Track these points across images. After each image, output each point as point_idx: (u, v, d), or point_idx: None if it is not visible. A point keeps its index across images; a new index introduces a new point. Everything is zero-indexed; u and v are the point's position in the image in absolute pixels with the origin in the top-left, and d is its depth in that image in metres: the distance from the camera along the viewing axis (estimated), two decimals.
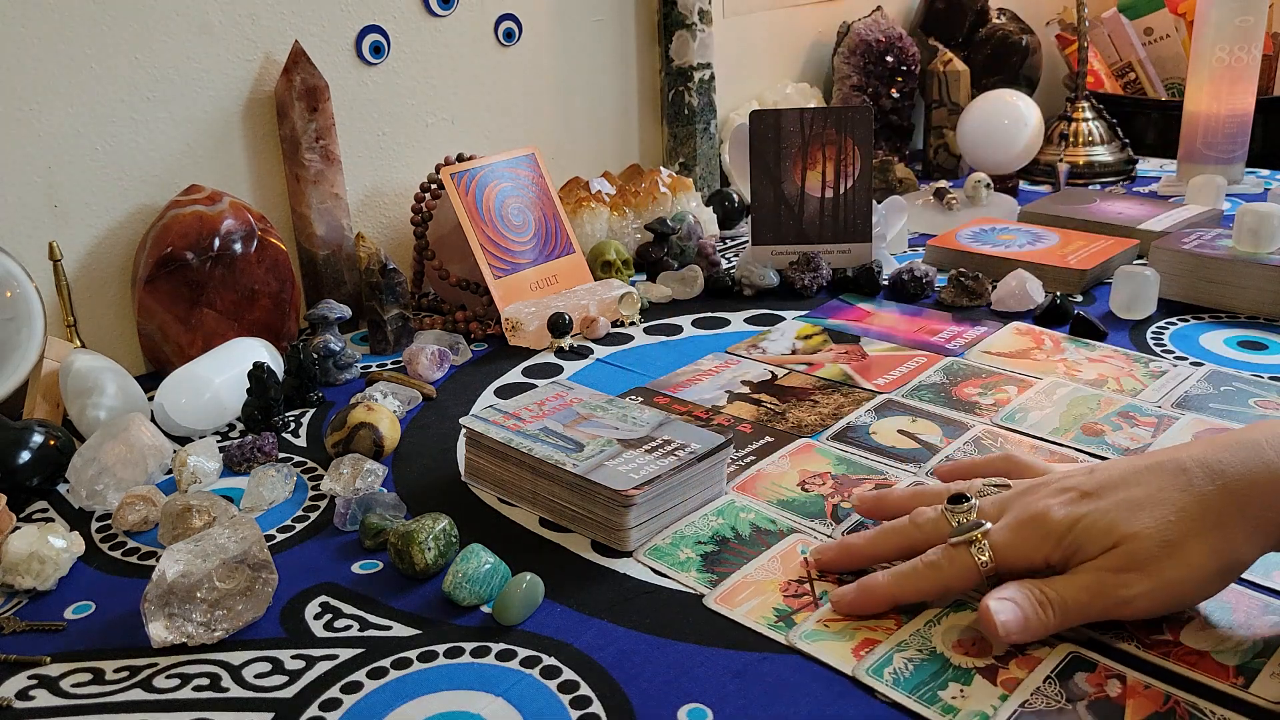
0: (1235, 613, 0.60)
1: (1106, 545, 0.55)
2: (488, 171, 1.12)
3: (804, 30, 1.68)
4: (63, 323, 0.96)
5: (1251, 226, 1.05)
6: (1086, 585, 0.55)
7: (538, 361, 1.02)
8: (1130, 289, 1.04)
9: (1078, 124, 1.58)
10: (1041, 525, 0.58)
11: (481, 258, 1.08)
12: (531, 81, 1.32)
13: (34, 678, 0.60)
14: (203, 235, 0.97)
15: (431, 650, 0.61)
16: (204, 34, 1.03)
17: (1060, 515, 0.57)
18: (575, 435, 0.74)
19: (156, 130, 1.02)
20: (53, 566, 0.68)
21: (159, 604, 0.61)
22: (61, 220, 0.97)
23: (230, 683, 0.59)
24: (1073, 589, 0.56)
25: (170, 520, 0.72)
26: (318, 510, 0.77)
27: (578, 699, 0.56)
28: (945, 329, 1.04)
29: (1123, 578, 0.55)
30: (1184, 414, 0.83)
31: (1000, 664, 0.56)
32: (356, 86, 1.15)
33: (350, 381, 0.99)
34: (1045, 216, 1.30)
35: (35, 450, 0.79)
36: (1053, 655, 0.57)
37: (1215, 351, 0.96)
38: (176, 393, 0.87)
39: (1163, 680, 0.55)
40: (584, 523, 0.71)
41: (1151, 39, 1.85)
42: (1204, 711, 0.52)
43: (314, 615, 0.64)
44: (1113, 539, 0.55)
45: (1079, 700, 0.53)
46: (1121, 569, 0.55)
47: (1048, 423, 0.83)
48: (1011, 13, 1.80)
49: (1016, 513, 0.59)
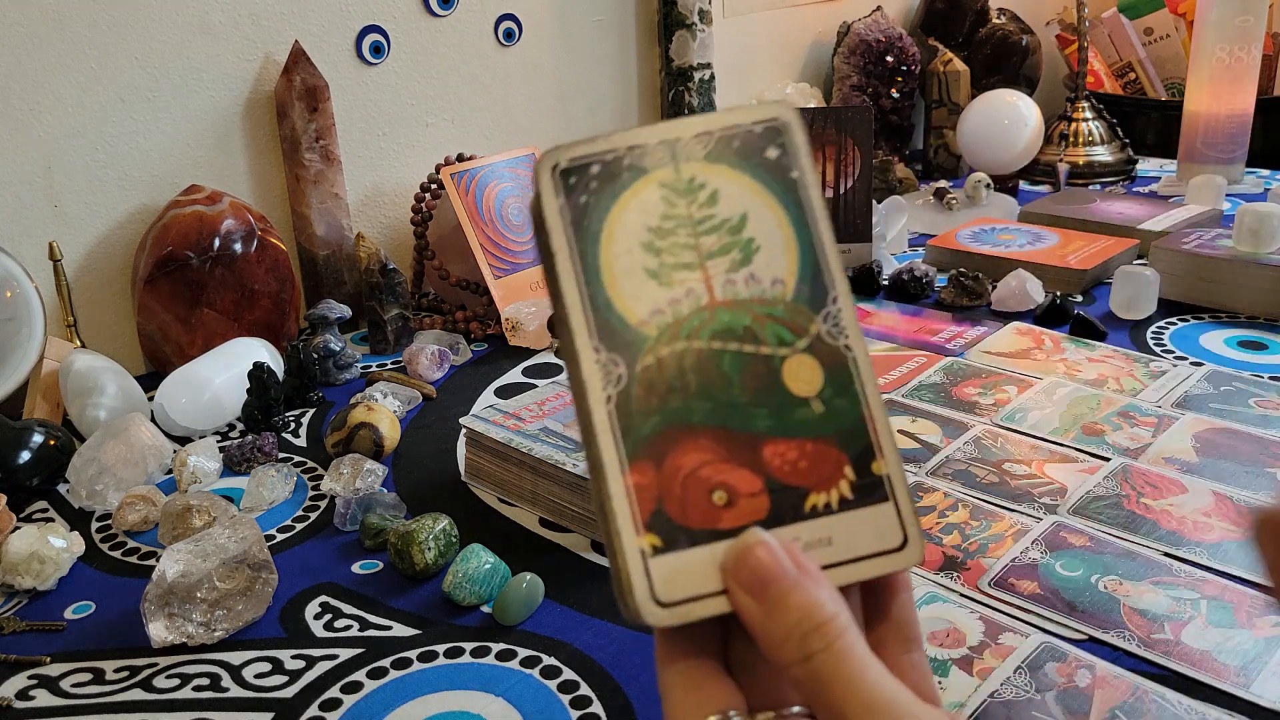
0: (1236, 612, 0.59)
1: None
2: (488, 171, 1.12)
3: (804, 30, 1.68)
4: (63, 323, 0.96)
5: (1251, 226, 1.05)
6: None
7: (538, 361, 1.02)
8: (1130, 289, 1.04)
9: (1077, 124, 1.58)
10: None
11: (481, 258, 1.08)
12: (531, 81, 1.32)
13: (34, 677, 0.60)
14: (203, 235, 0.97)
15: (431, 650, 0.60)
16: (204, 34, 1.03)
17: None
18: (575, 435, 0.74)
19: (157, 130, 1.02)
20: (53, 566, 0.68)
21: (159, 604, 0.61)
22: (62, 220, 0.97)
23: (230, 683, 0.59)
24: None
25: (170, 520, 0.72)
26: (318, 510, 0.77)
27: (578, 699, 0.56)
28: (945, 329, 1.04)
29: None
30: (1184, 414, 0.83)
31: (975, 654, 0.56)
32: (356, 86, 1.15)
33: (350, 381, 0.99)
34: (1045, 216, 1.30)
35: (35, 450, 0.79)
36: (1025, 644, 0.57)
37: (1215, 351, 0.96)
38: (176, 393, 0.87)
39: (1138, 673, 0.55)
40: (584, 523, 0.71)
41: (1151, 39, 1.85)
42: (1171, 702, 0.53)
43: (314, 615, 0.64)
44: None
45: (1048, 690, 0.54)
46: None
47: (1047, 423, 0.83)
48: (1011, 13, 1.80)
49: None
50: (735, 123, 0.32)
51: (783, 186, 0.32)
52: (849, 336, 0.31)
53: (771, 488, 0.30)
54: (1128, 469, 0.75)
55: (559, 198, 0.31)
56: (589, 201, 0.31)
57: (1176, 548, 0.66)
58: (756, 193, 0.32)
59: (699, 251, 0.31)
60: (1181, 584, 0.63)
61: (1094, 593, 0.62)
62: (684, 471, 0.30)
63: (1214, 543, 0.67)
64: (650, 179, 0.31)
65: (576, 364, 0.30)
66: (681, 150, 0.32)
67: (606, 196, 0.31)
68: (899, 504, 0.30)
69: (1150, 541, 0.67)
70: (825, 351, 0.31)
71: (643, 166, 0.31)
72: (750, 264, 0.31)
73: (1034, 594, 0.62)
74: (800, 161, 0.32)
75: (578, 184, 0.31)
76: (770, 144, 0.32)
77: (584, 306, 0.30)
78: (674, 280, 0.31)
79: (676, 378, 0.31)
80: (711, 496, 0.30)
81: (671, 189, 0.31)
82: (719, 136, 0.32)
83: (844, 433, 0.31)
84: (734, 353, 0.31)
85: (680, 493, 0.30)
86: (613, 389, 0.30)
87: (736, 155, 0.32)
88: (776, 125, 0.32)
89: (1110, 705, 0.52)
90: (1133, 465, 0.76)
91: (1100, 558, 0.65)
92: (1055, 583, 0.63)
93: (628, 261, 0.31)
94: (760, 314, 0.31)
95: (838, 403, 0.31)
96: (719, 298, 0.31)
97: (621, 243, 0.31)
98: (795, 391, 0.31)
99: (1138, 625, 0.59)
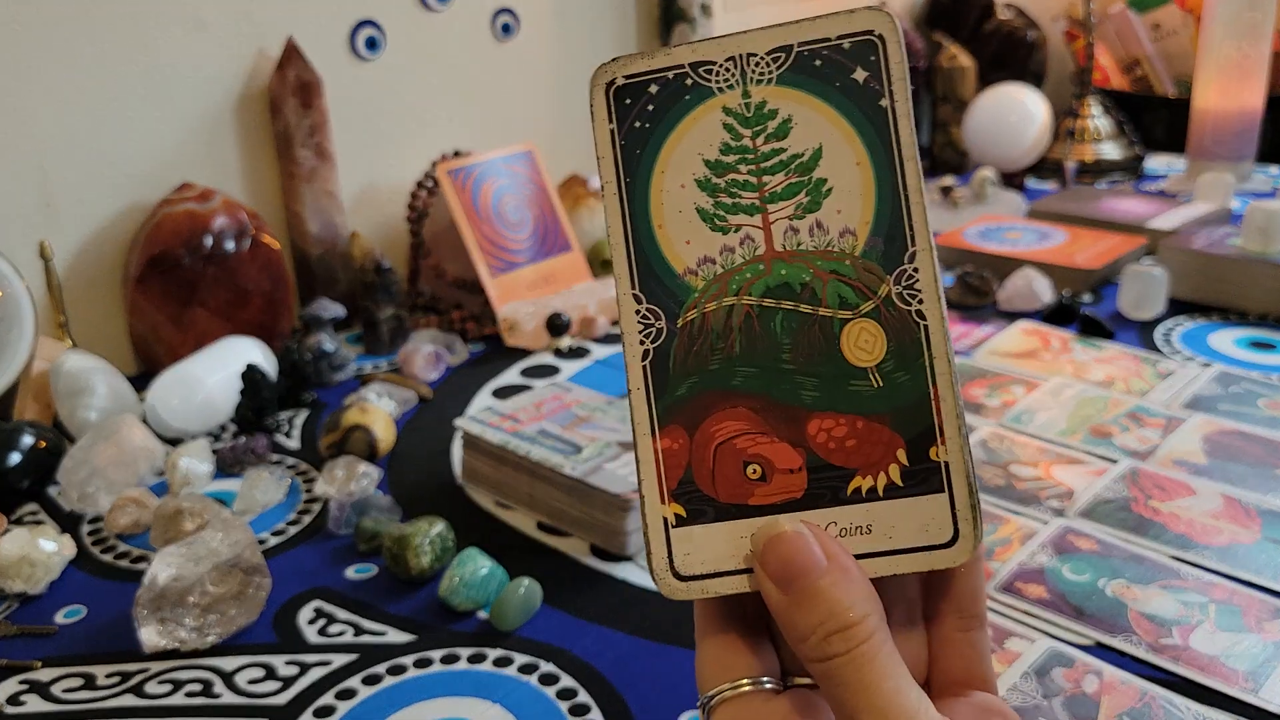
0: (1245, 616, 0.58)
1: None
2: (485, 168, 1.11)
3: None
4: (54, 322, 0.95)
5: (1260, 225, 1.04)
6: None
7: (535, 362, 1.01)
8: (1138, 288, 1.03)
9: (1085, 120, 1.57)
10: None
11: (478, 256, 1.07)
12: (529, 76, 1.31)
13: (25, 683, 0.59)
14: (195, 233, 0.96)
15: (427, 656, 0.60)
16: (197, 30, 1.02)
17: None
18: (573, 437, 0.73)
19: (149, 127, 1.00)
20: (43, 570, 0.67)
21: (151, 608, 0.60)
22: (53, 219, 0.96)
23: (223, 689, 0.58)
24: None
25: (162, 523, 0.71)
26: (311, 513, 0.76)
27: (576, 706, 0.55)
28: (951, 328, 1.03)
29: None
30: (1193, 415, 0.82)
31: None
32: (351, 82, 1.14)
33: (344, 382, 0.98)
34: (1053, 214, 1.28)
35: (25, 452, 0.78)
36: (1032, 650, 0.56)
37: (1224, 352, 0.95)
38: (168, 393, 0.86)
39: (1145, 679, 0.54)
40: (583, 526, 0.70)
41: (1160, 35, 1.84)
42: (1179, 707, 0.52)
43: (308, 620, 0.63)
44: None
45: (1055, 696, 0.53)
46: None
47: (1055, 424, 0.81)
48: (1018, 7, 1.78)
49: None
50: (820, 36, 0.28)
51: (867, 117, 0.28)
52: (924, 302, 0.27)
53: (812, 465, 0.28)
54: (1136, 471, 0.74)
55: (610, 122, 0.29)
56: (643, 127, 0.29)
57: (1185, 551, 0.65)
58: (835, 123, 0.28)
59: (761, 192, 0.28)
60: (1190, 588, 0.62)
61: (1101, 597, 0.61)
62: (718, 440, 0.28)
63: (1223, 546, 0.65)
64: (714, 103, 0.28)
65: (620, 312, 0.29)
66: (753, 69, 0.28)
67: (663, 123, 0.28)
68: (954, 496, 0.27)
69: (1158, 545, 0.66)
70: (893, 318, 0.28)
71: (707, 87, 0.28)
72: (818, 210, 0.28)
73: (1041, 598, 0.61)
74: (892, 86, 0.28)
75: (633, 105, 0.29)
76: (859, 64, 0.28)
77: (627, 250, 0.28)
78: (729, 224, 0.28)
79: (720, 337, 0.28)
80: (745, 470, 0.28)
81: (736, 116, 0.28)
82: (798, 53, 0.28)
83: (902, 411, 0.27)
84: (787, 312, 0.28)
85: (711, 463, 0.28)
86: (650, 344, 0.28)
87: (816, 77, 0.28)
88: (870, 40, 0.28)
89: (1118, 711, 0.52)
90: (1141, 467, 0.75)
91: (1108, 561, 0.64)
92: (1062, 587, 0.62)
93: (680, 199, 0.28)
94: (823, 269, 0.28)
95: (899, 377, 0.27)
96: (778, 248, 0.28)
97: (674, 177, 0.28)
98: (852, 361, 0.28)
99: (1146, 630, 0.58)
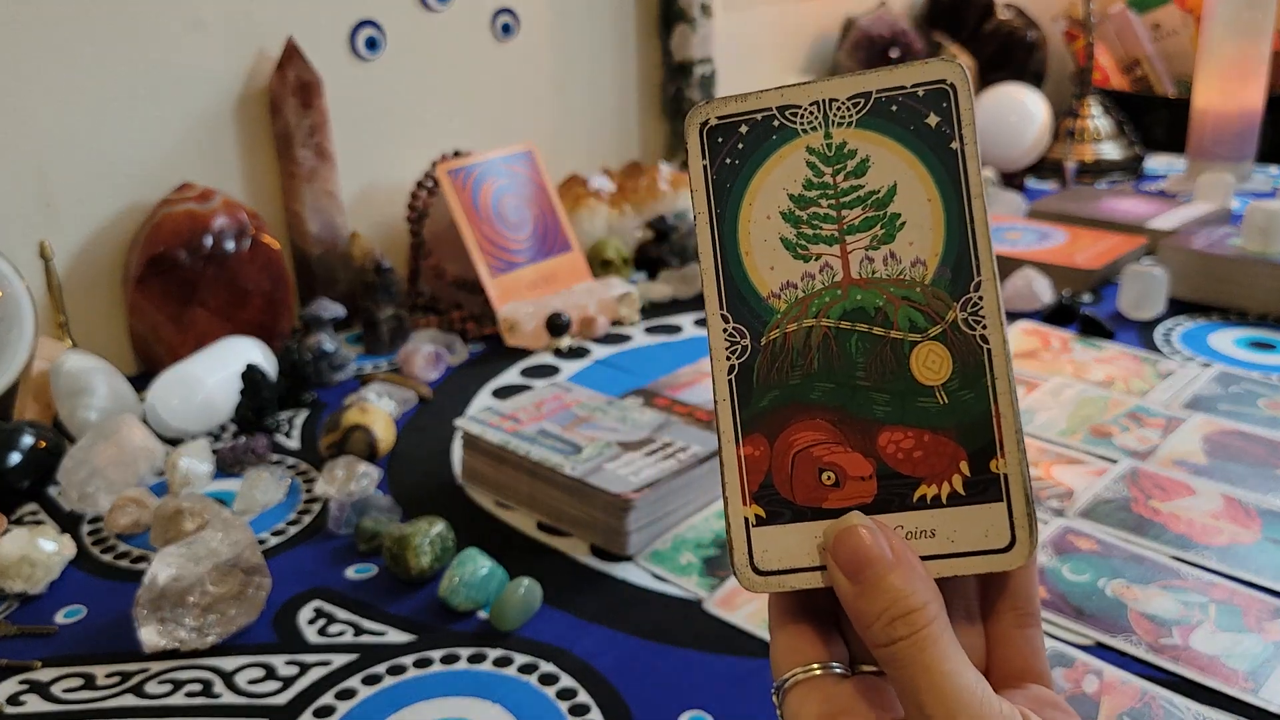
0: (1245, 616, 0.58)
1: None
2: (485, 168, 1.11)
3: (807, 25, 1.67)
4: (54, 322, 0.95)
5: (1260, 225, 1.04)
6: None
7: (535, 362, 1.01)
8: (1138, 288, 1.03)
9: (1085, 120, 1.57)
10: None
11: (478, 256, 1.07)
12: (529, 76, 1.31)
13: (25, 683, 0.59)
14: (195, 233, 0.96)
15: (427, 656, 0.60)
16: (197, 30, 1.01)
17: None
18: (573, 437, 0.73)
19: (148, 127, 1.00)
20: (43, 570, 0.67)
21: (151, 608, 0.60)
22: (53, 219, 0.96)
23: (223, 689, 0.58)
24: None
25: (162, 523, 0.71)
26: (311, 514, 0.76)
27: (576, 706, 0.55)
28: None
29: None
30: (1193, 415, 0.82)
31: None
32: (351, 82, 1.14)
33: (344, 382, 0.98)
34: (1053, 214, 1.28)
35: (25, 452, 0.78)
36: None
37: (1224, 352, 0.95)
38: (168, 393, 0.86)
39: (1146, 679, 0.54)
40: (583, 526, 0.70)
41: (1160, 35, 1.84)
42: (1179, 707, 0.52)
43: (308, 620, 0.63)
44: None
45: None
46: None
47: (1055, 424, 0.81)
48: (1018, 8, 1.78)
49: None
50: (896, 84, 0.30)
51: (939, 158, 0.30)
52: (987, 328, 0.30)
53: (882, 474, 0.30)
54: (1136, 471, 0.74)
55: (703, 158, 0.31)
56: (733, 163, 0.31)
57: (1185, 551, 0.65)
58: (910, 163, 0.30)
59: (840, 224, 0.31)
60: (1190, 588, 0.62)
61: (1101, 597, 0.61)
62: (796, 449, 0.31)
63: (1223, 546, 0.65)
64: (798, 143, 0.31)
65: (709, 329, 0.32)
66: (835, 113, 0.31)
67: (751, 159, 0.31)
68: (1012, 505, 0.30)
69: (1159, 545, 0.66)
70: (959, 341, 0.30)
71: (792, 128, 0.31)
72: (892, 241, 0.31)
73: (1041, 599, 0.61)
74: (963, 130, 0.30)
75: (724, 143, 0.31)
76: (932, 109, 0.30)
77: (717, 275, 0.31)
78: (810, 253, 0.31)
79: (799, 355, 0.31)
80: (820, 476, 0.31)
81: (819, 155, 0.31)
82: (876, 99, 0.31)
83: (966, 427, 0.30)
84: (862, 334, 0.31)
85: (790, 469, 0.31)
86: (735, 359, 0.31)
87: (893, 121, 0.30)
88: (942, 88, 0.30)
89: (1118, 711, 0.52)
90: (1141, 468, 0.75)
91: (1108, 561, 0.64)
92: (1063, 587, 0.62)
93: (765, 229, 0.31)
94: (895, 295, 0.31)
95: (964, 395, 0.30)
96: (854, 275, 0.31)
97: (761, 209, 0.31)
98: (921, 380, 0.30)
99: (1146, 630, 0.58)
